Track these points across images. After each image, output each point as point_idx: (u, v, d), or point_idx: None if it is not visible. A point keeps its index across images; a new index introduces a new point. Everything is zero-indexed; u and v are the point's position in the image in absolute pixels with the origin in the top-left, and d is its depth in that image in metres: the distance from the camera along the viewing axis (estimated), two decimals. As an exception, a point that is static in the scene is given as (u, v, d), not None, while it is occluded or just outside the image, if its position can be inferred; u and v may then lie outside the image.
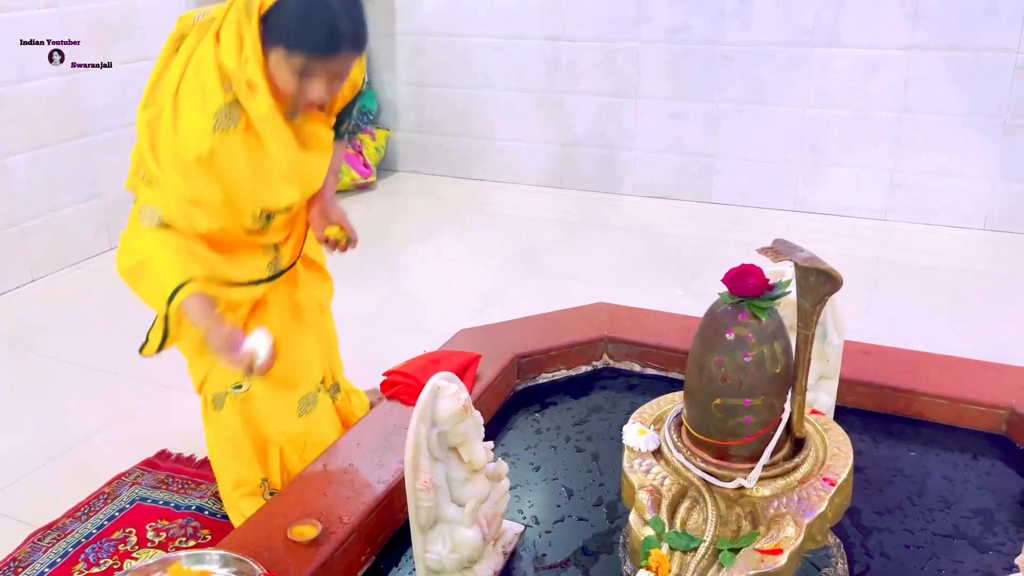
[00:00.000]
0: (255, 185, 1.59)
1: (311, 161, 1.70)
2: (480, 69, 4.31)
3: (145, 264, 1.56)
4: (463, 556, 1.33)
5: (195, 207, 1.57)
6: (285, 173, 1.63)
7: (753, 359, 1.23)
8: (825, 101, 3.74)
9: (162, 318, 1.58)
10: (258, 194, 1.61)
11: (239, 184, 1.57)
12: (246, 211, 1.62)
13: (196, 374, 1.89)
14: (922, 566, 1.39)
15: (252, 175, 1.58)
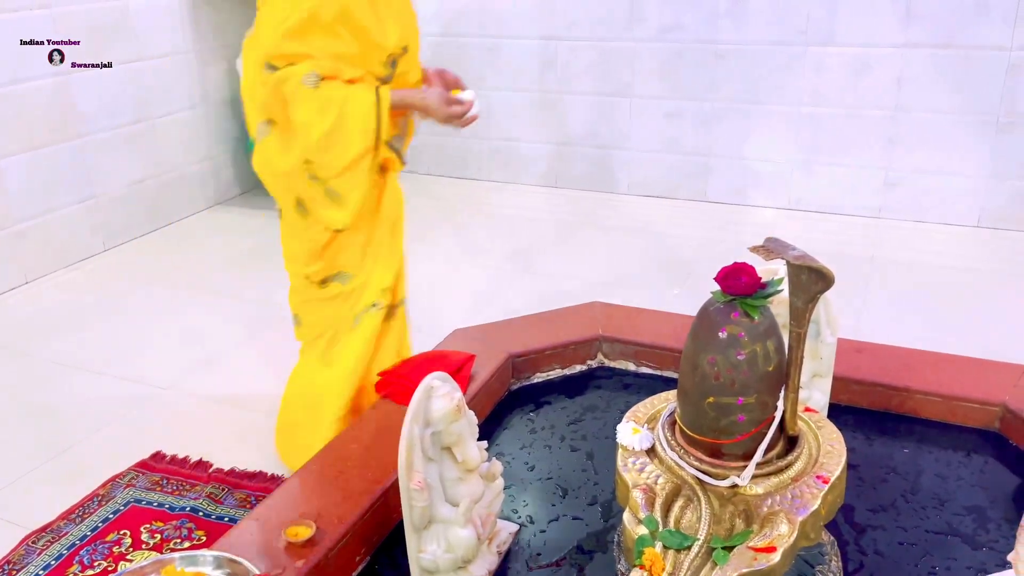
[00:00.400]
0: (377, 27, 1.77)
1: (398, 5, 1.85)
2: (474, 69, 4.30)
3: (339, 104, 1.74)
4: (457, 556, 1.33)
5: (339, 61, 1.75)
6: (386, 15, 1.80)
7: (746, 357, 1.24)
8: (819, 100, 3.75)
9: (374, 131, 1.80)
10: (379, 37, 1.79)
11: (367, 30, 1.76)
12: (375, 58, 1.80)
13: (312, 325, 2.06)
14: (915, 563, 1.39)
15: (374, 19, 1.77)
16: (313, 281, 2.00)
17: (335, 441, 1.64)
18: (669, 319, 2.08)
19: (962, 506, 1.53)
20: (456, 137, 4.49)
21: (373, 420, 1.71)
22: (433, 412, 1.30)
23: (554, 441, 1.77)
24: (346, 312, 2.02)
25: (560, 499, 1.58)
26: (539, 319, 2.12)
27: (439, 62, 4.31)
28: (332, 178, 1.83)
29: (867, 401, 1.80)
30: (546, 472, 1.67)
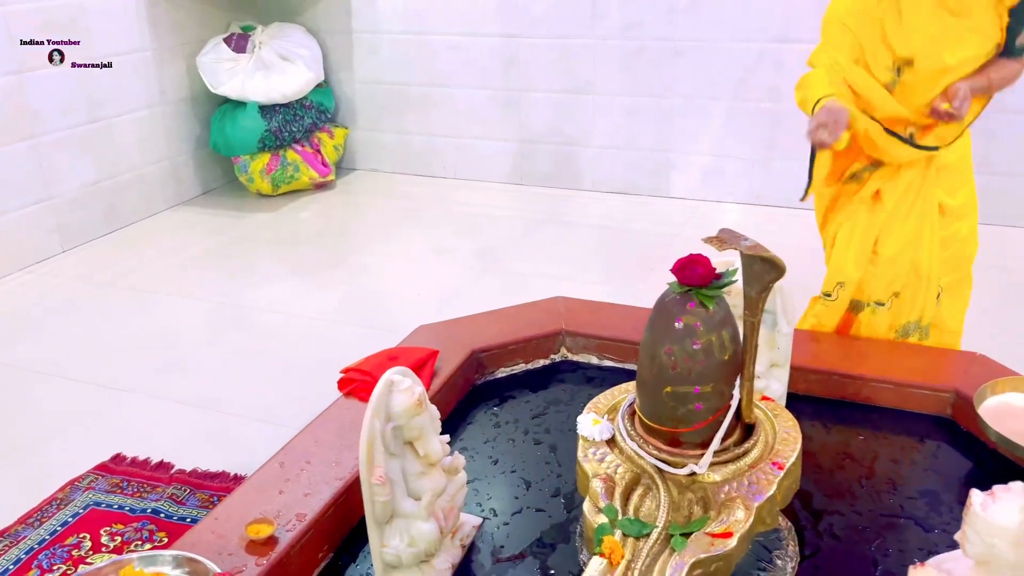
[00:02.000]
0: (892, 30, 1.86)
1: (949, 26, 1.84)
2: (437, 67, 4.30)
3: (803, 87, 2.00)
4: (420, 550, 1.33)
5: (838, 50, 1.94)
6: (915, 25, 1.85)
7: (702, 347, 1.26)
8: (776, 96, 3.80)
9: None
10: (889, 40, 1.87)
11: (875, 32, 1.88)
12: (879, 60, 1.89)
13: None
14: (870, 546, 1.43)
15: (893, 22, 1.86)
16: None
17: (296, 439, 1.63)
18: (631, 312, 2.10)
19: (915, 490, 1.57)
20: (421, 136, 4.48)
21: (335, 417, 1.71)
22: (394, 406, 1.30)
23: (518, 435, 1.78)
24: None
25: (524, 492, 1.59)
26: (502, 314, 2.13)
27: (402, 60, 4.32)
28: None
29: (824, 390, 1.83)
30: (510, 466, 1.68)
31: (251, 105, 3.92)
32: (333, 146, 4.34)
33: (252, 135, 3.93)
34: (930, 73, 1.87)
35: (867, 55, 1.90)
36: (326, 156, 4.26)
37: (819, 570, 1.38)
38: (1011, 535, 1.00)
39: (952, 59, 1.84)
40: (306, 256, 3.65)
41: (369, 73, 4.44)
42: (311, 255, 3.65)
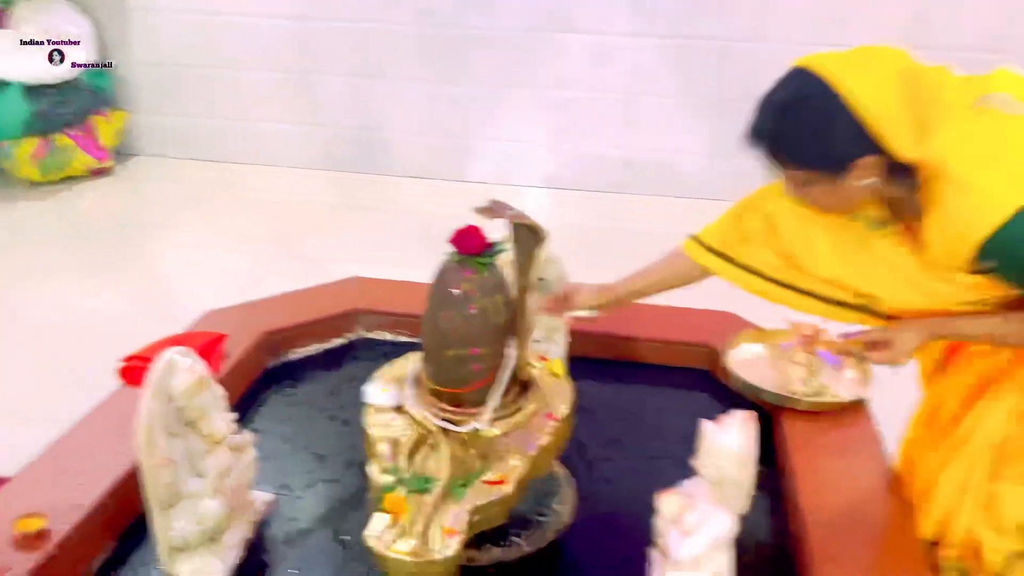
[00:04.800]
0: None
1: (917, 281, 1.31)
2: (225, 48, 4.13)
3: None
4: (208, 528, 1.32)
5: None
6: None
7: (478, 311, 1.34)
8: (564, 84, 4.01)
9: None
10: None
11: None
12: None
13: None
14: (638, 485, 1.58)
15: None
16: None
17: (73, 431, 1.55)
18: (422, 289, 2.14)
19: (678, 435, 1.73)
20: (209, 120, 4.29)
21: (114, 407, 1.64)
22: (175, 387, 1.28)
23: (313, 413, 1.79)
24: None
25: (317, 466, 1.62)
26: (296, 296, 2.12)
27: (186, 40, 4.11)
28: None
29: (600, 351, 1.99)
30: (303, 443, 1.69)
31: (14, 86, 3.59)
32: (112, 130, 4.06)
33: (15, 118, 3.60)
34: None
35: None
36: (103, 141, 3.98)
37: (593, 511, 1.52)
38: (735, 456, 1.17)
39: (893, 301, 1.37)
40: (86, 247, 3.40)
41: (149, 54, 4.18)
42: (91, 246, 3.41)
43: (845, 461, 1.57)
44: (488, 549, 1.39)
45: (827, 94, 1.14)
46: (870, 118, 1.13)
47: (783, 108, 1.19)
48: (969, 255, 1.15)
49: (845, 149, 1.17)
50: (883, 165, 1.17)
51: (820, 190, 1.23)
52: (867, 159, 1.16)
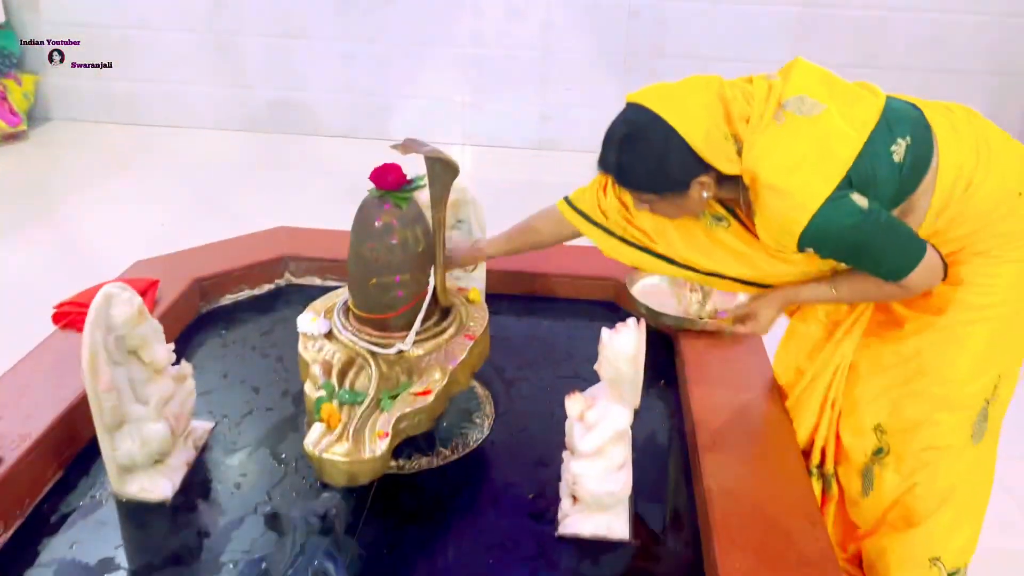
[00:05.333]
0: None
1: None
2: (136, 9, 4.08)
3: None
4: (152, 449, 1.42)
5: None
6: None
7: (399, 242, 1.47)
8: (480, 42, 4.11)
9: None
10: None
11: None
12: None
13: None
14: (548, 400, 1.74)
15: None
16: None
17: (12, 371, 1.62)
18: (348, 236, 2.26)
19: (585, 358, 1.90)
20: (124, 82, 4.24)
21: (52, 349, 1.71)
22: (115, 317, 1.37)
23: (246, 351, 1.90)
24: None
25: (254, 396, 1.73)
26: (225, 245, 2.20)
27: (97, 3, 4.03)
28: None
29: (517, 287, 2.14)
30: (239, 377, 1.79)
31: (-86, 47, 3.49)
32: (22, 94, 3.98)
33: (-82, 81, 3.51)
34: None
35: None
36: (14, 105, 3.90)
37: (510, 423, 1.68)
38: (628, 356, 1.33)
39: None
40: (4, 209, 3.36)
41: (59, 15, 4.10)
42: (6, 210, 3.37)
43: (733, 373, 1.77)
44: (417, 458, 1.54)
45: (659, 126, 1.29)
46: (697, 144, 1.28)
47: (623, 143, 1.33)
48: (793, 244, 1.32)
49: (681, 173, 1.32)
50: (715, 177, 1.33)
51: (666, 205, 1.39)
52: (701, 177, 1.32)
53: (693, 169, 1.32)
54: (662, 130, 1.29)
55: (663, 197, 1.37)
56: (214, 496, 1.47)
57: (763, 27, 3.94)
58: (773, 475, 1.45)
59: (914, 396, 1.46)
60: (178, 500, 1.45)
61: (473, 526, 1.42)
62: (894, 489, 1.48)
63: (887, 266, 1.35)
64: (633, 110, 1.34)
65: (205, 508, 1.44)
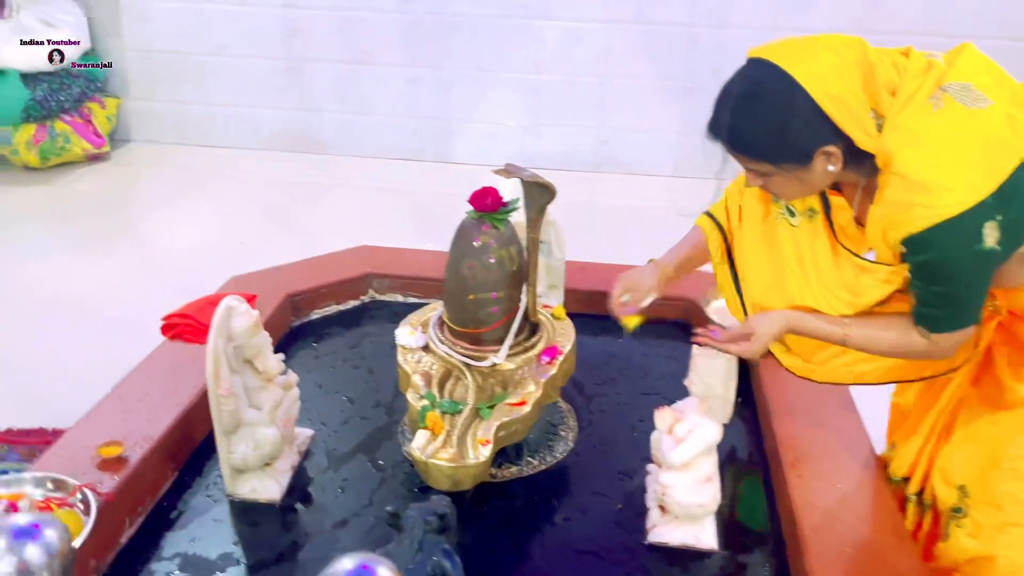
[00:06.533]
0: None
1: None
2: (214, 36, 4.27)
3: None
4: (264, 452, 1.52)
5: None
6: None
7: (496, 260, 1.56)
8: (540, 68, 4.21)
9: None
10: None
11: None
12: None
13: None
14: (628, 415, 1.81)
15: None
16: None
17: (130, 377, 1.73)
18: (428, 255, 2.36)
19: (661, 374, 1.98)
20: (199, 105, 4.43)
21: (164, 358, 1.82)
22: (234, 328, 1.47)
23: (337, 363, 1.99)
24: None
25: (348, 406, 1.82)
26: (312, 263, 2.31)
27: (174, 28, 4.24)
28: None
29: (592, 307, 2.20)
30: (333, 387, 1.89)
31: (12, 73, 3.70)
32: (105, 117, 4.18)
33: (14, 105, 3.71)
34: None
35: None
36: (98, 127, 4.10)
37: (593, 436, 1.74)
38: (719, 372, 1.39)
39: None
40: (88, 228, 3.54)
41: (140, 41, 4.31)
42: (93, 226, 3.55)
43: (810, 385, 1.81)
44: (508, 467, 1.61)
45: (784, 83, 1.12)
46: (829, 106, 1.11)
47: (741, 102, 1.16)
48: (895, 242, 1.16)
49: (806, 139, 1.15)
50: (843, 151, 1.16)
51: (783, 179, 1.21)
52: (829, 147, 1.15)
53: (821, 136, 1.14)
54: (787, 88, 1.11)
55: (780, 168, 1.19)
56: (319, 498, 1.56)
57: (822, 53, 3.99)
58: (857, 491, 1.50)
59: (1004, 472, 1.34)
60: (285, 501, 1.54)
61: (565, 533, 1.49)
62: (969, 551, 1.39)
63: (944, 312, 1.20)
64: (754, 65, 1.17)
65: (312, 510, 1.53)
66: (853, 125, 1.13)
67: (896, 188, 1.13)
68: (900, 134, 1.13)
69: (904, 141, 1.12)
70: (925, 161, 1.11)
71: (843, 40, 1.17)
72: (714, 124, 1.22)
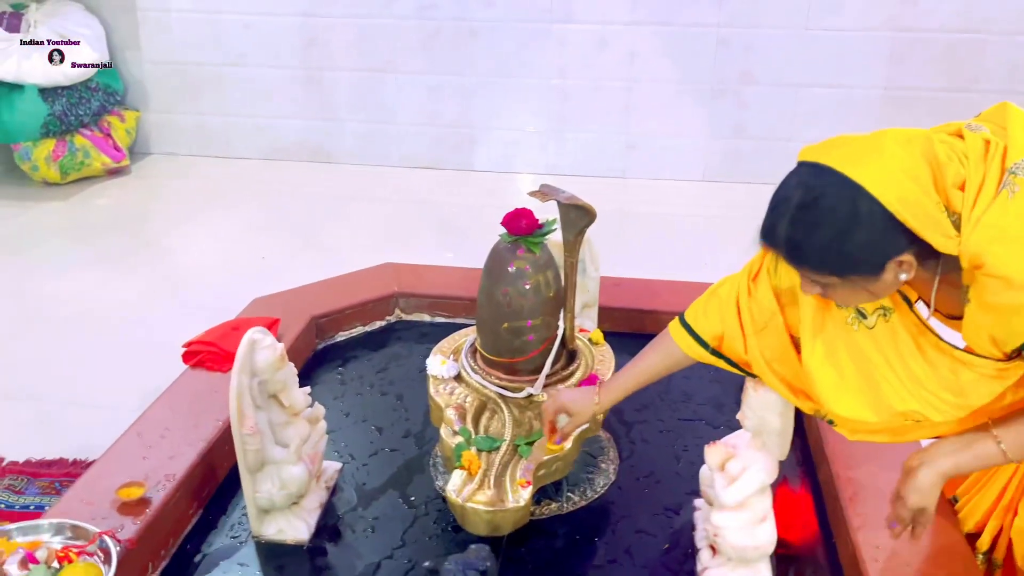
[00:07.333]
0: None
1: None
2: (231, 46, 4.21)
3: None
4: (291, 492, 1.45)
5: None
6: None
7: (532, 286, 1.48)
8: (564, 73, 4.12)
9: None
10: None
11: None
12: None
13: None
14: (672, 445, 1.72)
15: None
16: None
17: (150, 411, 1.67)
18: (455, 272, 2.29)
19: (704, 398, 1.89)
20: (219, 116, 4.38)
21: (186, 389, 1.76)
22: (258, 362, 1.40)
23: (364, 389, 1.92)
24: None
25: (377, 436, 1.75)
26: (336, 282, 2.24)
27: (192, 40, 4.20)
28: None
29: (626, 325, 2.12)
30: (361, 416, 1.82)
31: (30, 88, 3.66)
32: (125, 130, 4.13)
33: (34, 120, 3.67)
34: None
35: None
36: (118, 140, 4.06)
37: (635, 468, 1.66)
38: (776, 406, 1.30)
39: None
40: (109, 244, 3.49)
41: (159, 54, 4.26)
42: (114, 243, 3.50)
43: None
44: (547, 504, 1.52)
45: (847, 190, 1.02)
46: (903, 212, 1.01)
47: (801, 213, 1.05)
48: (1014, 346, 1.05)
49: (874, 250, 1.04)
50: (917, 255, 1.05)
51: (848, 289, 1.10)
52: (903, 256, 1.04)
53: (893, 245, 1.04)
54: (852, 195, 1.02)
55: (846, 280, 1.08)
56: (349, 539, 1.48)
57: (855, 52, 3.86)
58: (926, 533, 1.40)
59: None
60: (314, 542, 1.47)
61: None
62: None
63: None
64: (811, 170, 1.07)
65: (342, 551, 1.46)
66: (931, 230, 1.03)
67: (998, 291, 1.03)
68: (983, 231, 1.02)
69: (991, 239, 1.02)
70: (1021, 256, 1.01)
71: (908, 135, 1.07)
72: (769, 233, 1.10)
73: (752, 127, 4.03)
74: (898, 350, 1.16)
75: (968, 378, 1.12)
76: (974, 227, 1.02)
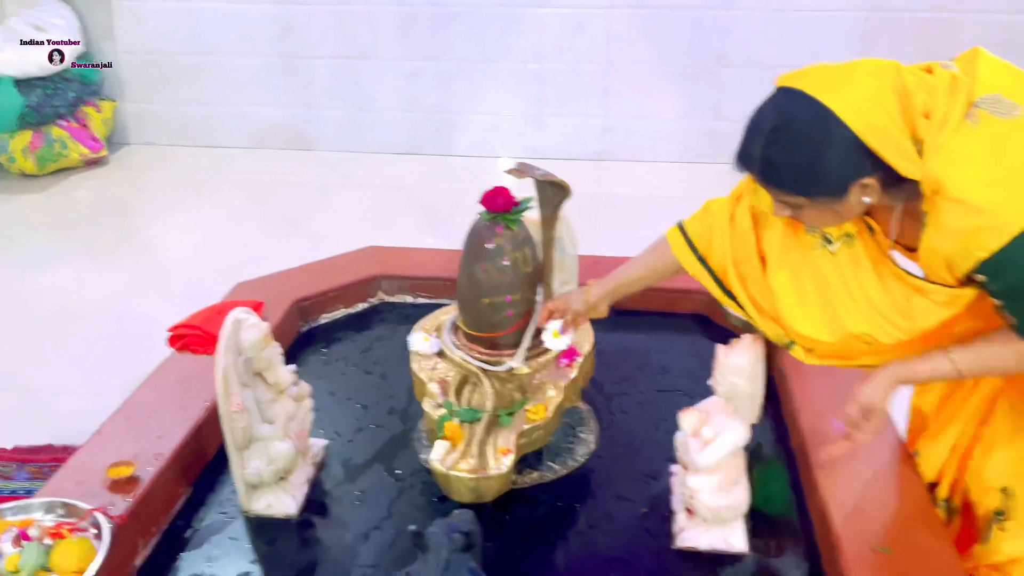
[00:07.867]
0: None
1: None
2: (208, 35, 4.21)
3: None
4: (279, 467, 1.48)
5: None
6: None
7: (510, 262, 1.51)
8: (541, 57, 4.15)
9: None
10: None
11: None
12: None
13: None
14: (650, 414, 1.77)
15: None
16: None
17: (137, 393, 1.69)
18: (438, 254, 2.32)
19: (681, 370, 1.94)
20: (197, 106, 4.38)
21: (172, 371, 1.78)
22: (243, 341, 1.43)
23: (348, 369, 1.95)
24: None
25: (362, 413, 1.78)
26: (319, 266, 2.26)
27: (167, 29, 4.19)
28: None
29: (605, 302, 2.16)
30: (345, 394, 1.85)
31: (5, 80, 3.65)
32: (101, 120, 4.12)
33: (10, 112, 3.66)
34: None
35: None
36: (95, 131, 4.05)
37: (614, 437, 1.70)
38: (745, 371, 1.35)
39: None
40: (89, 235, 3.50)
41: (134, 43, 4.25)
42: (94, 234, 3.51)
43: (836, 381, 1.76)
44: (528, 473, 1.57)
45: (819, 114, 1.08)
46: (870, 137, 1.07)
47: (774, 135, 1.12)
48: (965, 269, 1.11)
49: (842, 171, 1.11)
50: (881, 180, 1.12)
51: (815, 211, 1.17)
52: (865, 179, 1.11)
53: (858, 167, 1.10)
54: (823, 118, 1.08)
55: (814, 201, 1.15)
56: (336, 512, 1.52)
57: (829, 33, 3.91)
58: (887, 489, 1.45)
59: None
60: (302, 516, 1.50)
61: (591, 540, 1.45)
62: (1011, 552, 1.32)
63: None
64: (786, 95, 1.13)
65: (330, 524, 1.50)
66: (896, 154, 1.09)
67: (954, 214, 1.09)
68: (945, 156, 1.09)
69: (951, 163, 1.08)
70: (978, 181, 1.08)
71: (879, 65, 1.13)
72: (744, 156, 1.18)
73: (729, 109, 4.08)
74: (857, 275, 1.23)
75: (920, 304, 1.19)
76: (936, 152, 1.09)
